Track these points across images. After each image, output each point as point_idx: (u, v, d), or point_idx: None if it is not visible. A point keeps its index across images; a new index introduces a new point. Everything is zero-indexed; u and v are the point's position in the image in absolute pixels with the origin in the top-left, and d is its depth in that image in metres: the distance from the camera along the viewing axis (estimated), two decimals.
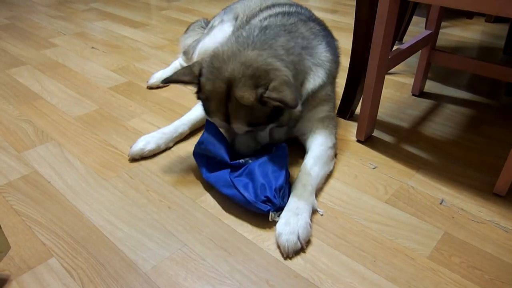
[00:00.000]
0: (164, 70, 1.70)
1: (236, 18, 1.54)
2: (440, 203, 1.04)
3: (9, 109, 1.47)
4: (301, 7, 1.40)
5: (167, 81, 1.05)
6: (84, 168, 1.16)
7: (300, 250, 0.89)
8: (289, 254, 0.88)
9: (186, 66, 1.07)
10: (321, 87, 1.14)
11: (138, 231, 0.94)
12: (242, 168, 1.03)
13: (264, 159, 1.03)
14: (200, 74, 1.03)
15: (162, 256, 0.88)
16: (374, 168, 1.17)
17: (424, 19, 2.42)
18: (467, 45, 2.12)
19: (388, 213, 1.00)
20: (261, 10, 1.40)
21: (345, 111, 1.42)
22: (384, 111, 1.46)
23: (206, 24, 1.81)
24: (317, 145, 1.13)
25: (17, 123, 1.38)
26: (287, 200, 0.98)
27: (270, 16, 1.27)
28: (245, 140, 1.10)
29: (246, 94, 0.96)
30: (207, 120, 1.09)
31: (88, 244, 0.91)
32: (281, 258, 0.88)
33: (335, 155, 1.19)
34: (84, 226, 0.96)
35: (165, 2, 2.99)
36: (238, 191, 0.97)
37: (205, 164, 1.08)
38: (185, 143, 1.27)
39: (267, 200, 0.95)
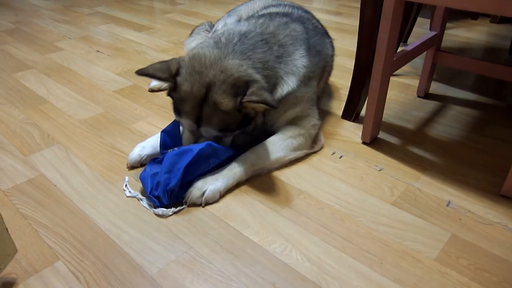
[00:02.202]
0: None
1: (239, 21, 1.54)
2: (447, 205, 1.03)
3: (15, 113, 1.48)
4: (296, 7, 1.40)
5: (141, 73, 1.02)
6: (90, 171, 1.16)
7: (198, 204, 1.02)
8: (188, 202, 1.02)
9: (163, 62, 1.05)
10: (289, 93, 1.16)
11: (144, 234, 0.94)
12: (165, 154, 1.06)
13: (184, 148, 1.04)
14: (177, 73, 1.04)
15: (168, 259, 0.88)
16: (380, 170, 1.16)
17: (428, 20, 2.42)
18: (472, 46, 2.12)
19: (395, 215, 1.00)
20: (259, 11, 1.41)
21: (350, 113, 1.42)
22: (390, 113, 1.46)
23: (211, 27, 1.81)
24: (277, 134, 1.20)
25: (23, 126, 1.39)
26: (181, 199, 1.03)
27: (260, 17, 1.26)
28: None
29: (225, 101, 1.00)
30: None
31: (95, 247, 0.91)
32: (288, 261, 0.87)
33: (310, 146, 1.23)
34: (90, 229, 0.96)
35: (169, 5, 3.00)
36: (143, 180, 1.05)
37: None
38: None
39: (157, 197, 1.01)
